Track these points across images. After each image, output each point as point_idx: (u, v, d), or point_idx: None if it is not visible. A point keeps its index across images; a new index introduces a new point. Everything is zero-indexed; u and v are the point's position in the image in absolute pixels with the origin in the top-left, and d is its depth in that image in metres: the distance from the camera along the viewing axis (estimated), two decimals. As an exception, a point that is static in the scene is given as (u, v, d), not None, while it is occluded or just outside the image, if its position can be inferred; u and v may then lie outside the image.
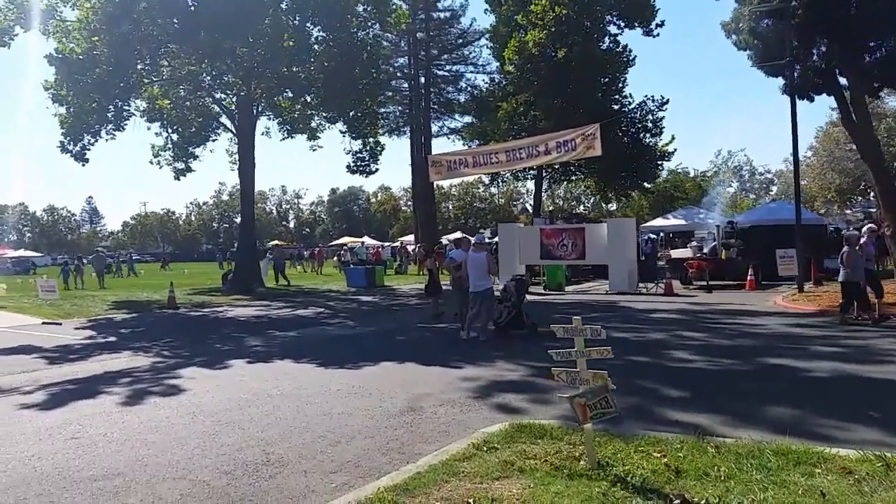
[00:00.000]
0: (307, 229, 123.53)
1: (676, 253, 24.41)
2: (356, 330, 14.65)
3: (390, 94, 39.23)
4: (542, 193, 43.23)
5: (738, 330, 12.74)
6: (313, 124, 27.40)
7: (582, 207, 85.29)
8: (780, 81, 22.97)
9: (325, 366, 10.13)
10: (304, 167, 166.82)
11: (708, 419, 6.61)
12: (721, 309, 16.46)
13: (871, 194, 61.94)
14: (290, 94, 25.10)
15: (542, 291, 22.70)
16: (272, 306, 20.62)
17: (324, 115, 26.32)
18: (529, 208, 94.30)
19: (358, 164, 25.97)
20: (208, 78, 23.98)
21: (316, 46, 23.35)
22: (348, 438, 6.25)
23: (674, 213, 32.80)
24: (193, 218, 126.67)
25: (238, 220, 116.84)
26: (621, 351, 10.56)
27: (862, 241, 13.27)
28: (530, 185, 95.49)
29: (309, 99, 24.82)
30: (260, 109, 26.26)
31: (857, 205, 58.90)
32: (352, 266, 40.31)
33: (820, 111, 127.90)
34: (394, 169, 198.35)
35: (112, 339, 14.37)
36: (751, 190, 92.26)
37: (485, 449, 5.52)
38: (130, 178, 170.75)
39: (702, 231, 31.03)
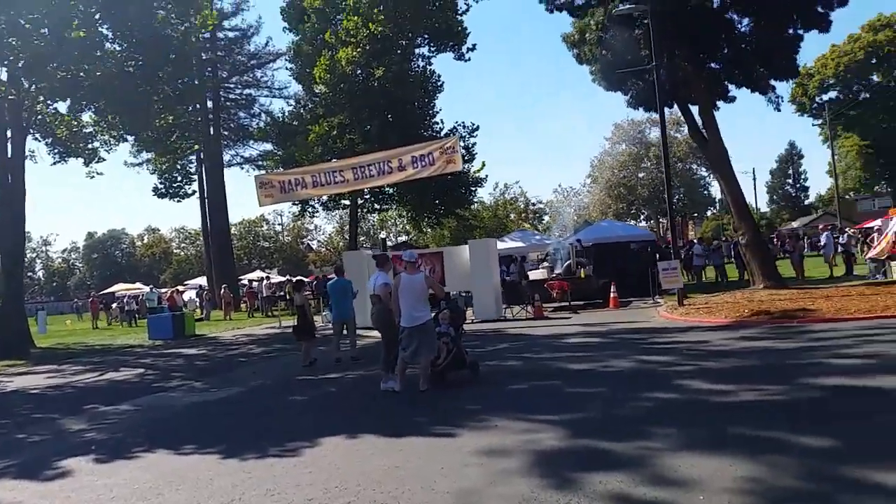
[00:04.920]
0: (57, 280, 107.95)
1: (534, 274, 23.03)
2: (216, 393, 10.74)
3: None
4: (357, 225, 40.23)
5: (697, 349, 11.06)
6: (96, 143, 21.87)
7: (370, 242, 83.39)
8: (621, 96, 22.84)
9: (233, 455, 6.52)
10: (52, 209, 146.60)
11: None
12: (627, 328, 14.94)
13: (642, 217, 67.71)
14: (79, 101, 19.56)
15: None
16: (66, 371, 15.51)
17: (112, 132, 21.12)
18: (314, 245, 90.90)
19: (169, 185, 21.14)
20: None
21: (110, 45, 18.55)
22: None
23: (510, 236, 31.95)
24: None
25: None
26: (624, 387, 8.30)
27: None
28: (318, 220, 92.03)
29: (103, 107, 19.50)
30: (27, 124, 20.30)
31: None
32: (137, 315, 34.45)
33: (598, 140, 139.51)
34: (164, 207, 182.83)
35: None
36: (525, 220, 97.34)
37: None
38: None
39: (536, 252, 30.33)
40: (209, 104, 39.64)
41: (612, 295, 20.44)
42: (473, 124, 35.17)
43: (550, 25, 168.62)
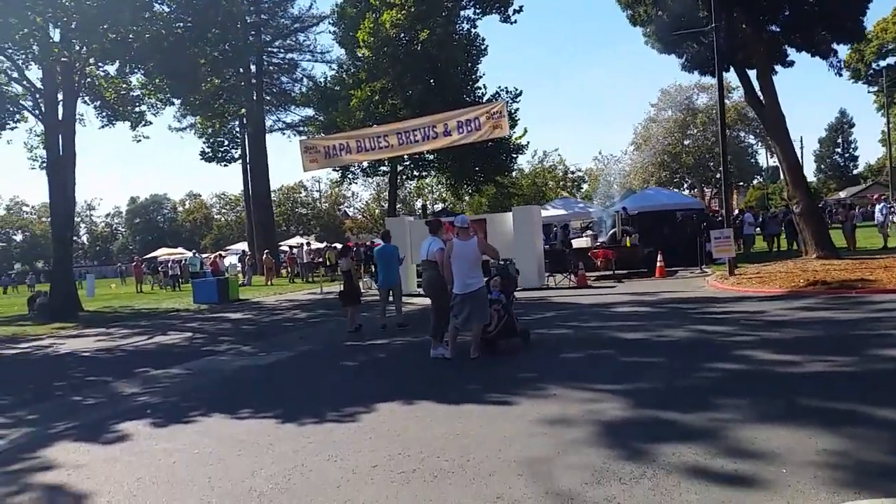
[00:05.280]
0: (100, 244, 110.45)
1: (577, 242, 22.74)
2: (266, 358, 10.79)
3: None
4: (396, 191, 40.17)
5: (754, 319, 10.74)
6: (143, 107, 22.00)
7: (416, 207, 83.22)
8: (669, 60, 22.16)
9: (291, 420, 6.50)
10: (95, 172, 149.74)
11: None
12: (677, 297, 14.63)
13: (685, 185, 66.37)
14: (128, 63, 19.64)
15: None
16: (115, 335, 15.78)
17: (159, 95, 21.22)
18: (350, 213, 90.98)
19: (216, 150, 21.24)
20: (17, 35, 17.70)
21: (158, 6, 18.52)
22: None
23: (552, 204, 31.61)
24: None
25: (18, 237, 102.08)
26: (683, 357, 8.06)
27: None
28: (355, 187, 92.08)
29: (151, 69, 19.54)
30: (77, 87, 20.44)
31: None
32: (180, 279, 35.02)
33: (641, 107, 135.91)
34: (205, 173, 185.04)
35: None
36: (563, 188, 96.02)
37: None
38: None
39: (578, 220, 29.96)
40: (252, 68, 39.70)
41: (658, 264, 20.08)
42: (517, 89, 34.50)
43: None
